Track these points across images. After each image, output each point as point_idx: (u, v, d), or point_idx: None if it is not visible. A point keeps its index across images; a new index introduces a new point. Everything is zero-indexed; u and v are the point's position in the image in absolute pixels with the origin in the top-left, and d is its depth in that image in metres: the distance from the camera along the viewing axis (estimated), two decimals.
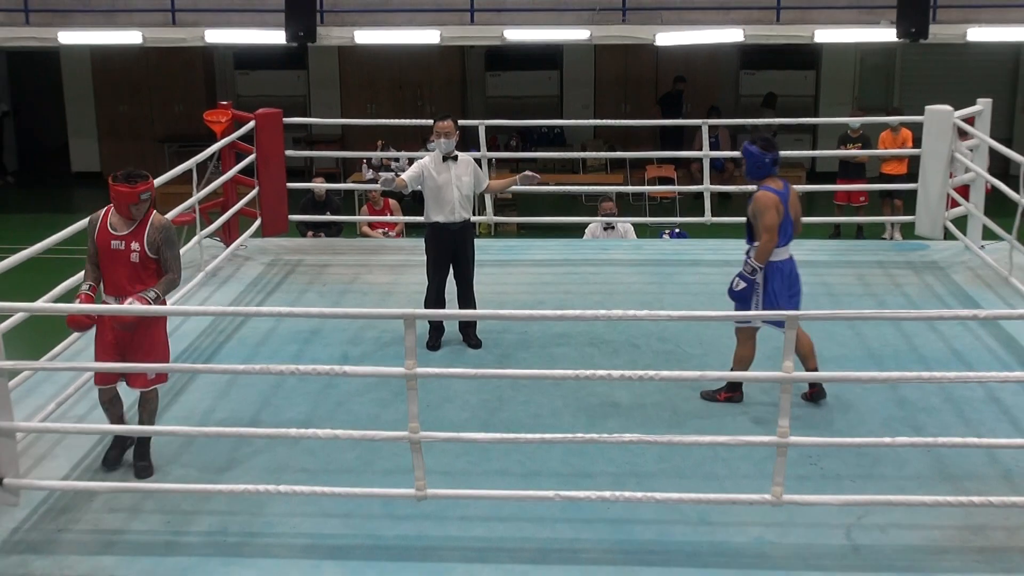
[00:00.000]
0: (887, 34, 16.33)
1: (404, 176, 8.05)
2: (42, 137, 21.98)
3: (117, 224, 6.44)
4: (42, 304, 6.66)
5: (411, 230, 13.93)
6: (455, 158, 8.08)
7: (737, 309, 7.15)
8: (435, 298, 8.21)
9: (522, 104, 19.97)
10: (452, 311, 8.25)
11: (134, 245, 6.40)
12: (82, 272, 6.52)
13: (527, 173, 8.66)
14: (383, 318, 8.13)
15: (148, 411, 6.58)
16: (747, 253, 7.19)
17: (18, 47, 18.53)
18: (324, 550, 5.79)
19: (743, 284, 7.09)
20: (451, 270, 8.24)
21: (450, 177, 8.04)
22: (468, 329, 8.27)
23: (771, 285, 7.10)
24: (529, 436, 6.06)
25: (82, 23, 17.40)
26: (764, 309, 7.03)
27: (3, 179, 21.20)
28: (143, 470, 6.44)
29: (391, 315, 7.09)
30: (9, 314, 6.41)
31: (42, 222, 8.36)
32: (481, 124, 11.31)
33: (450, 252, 8.15)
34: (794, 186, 7.39)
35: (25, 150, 22.03)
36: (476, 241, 8.45)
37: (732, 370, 7.20)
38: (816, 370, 7.14)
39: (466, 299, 8.26)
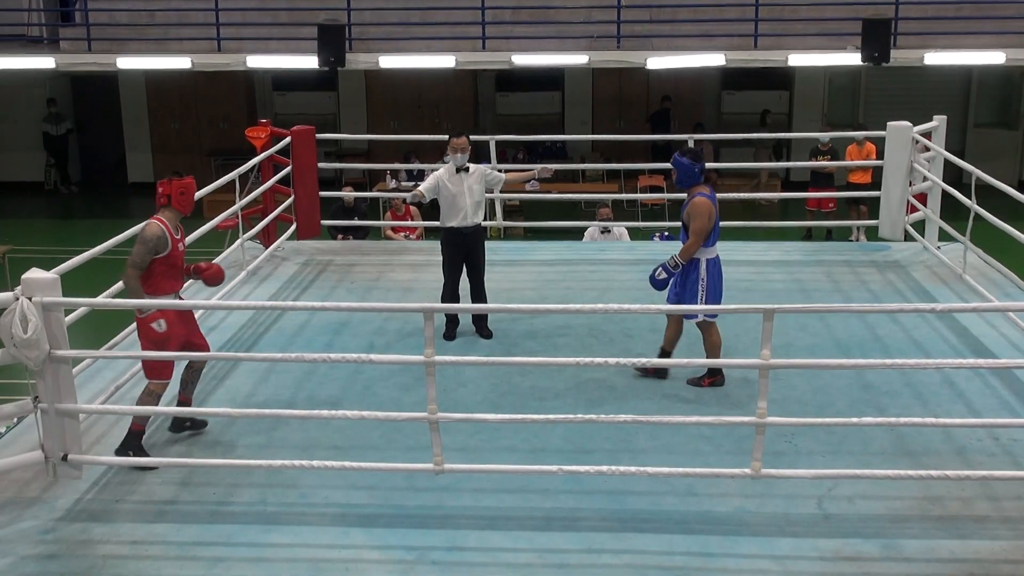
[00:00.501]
0: (853, 58, 16.32)
1: (422, 187, 7.99)
2: (102, 152, 21.95)
3: (174, 228, 6.43)
4: (103, 299, 6.64)
5: (430, 233, 13.88)
6: (467, 169, 8.04)
7: (664, 292, 7.33)
8: (450, 294, 8.17)
9: (528, 121, 19.93)
10: (465, 305, 8.22)
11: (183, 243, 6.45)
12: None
13: (545, 166, 8.57)
14: (405, 311, 8.09)
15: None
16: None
17: (81, 72, 18.55)
18: (352, 518, 5.77)
19: (664, 274, 7.17)
20: (464, 270, 8.20)
21: (463, 187, 7.99)
22: (480, 321, 8.23)
23: (711, 280, 7.18)
24: (535, 417, 6.04)
25: (137, 50, 17.43)
26: (708, 302, 7.13)
27: (68, 189, 21.21)
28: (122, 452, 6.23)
29: (412, 309, 7.06)
30: (74, 308, 6.40)
31: (102, 227, 8.35)
32: (492, 139, 11.28)
33: (463, 253, 8.12)
34: (770, 194, 7.36)
35: (87, 163, 22.01)
36: (487, 243, 8.42)
37: (709, 358, 7.22)
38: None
39: (478, 295, 8.22)
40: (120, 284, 7.05)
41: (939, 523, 5.66)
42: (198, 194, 8.34)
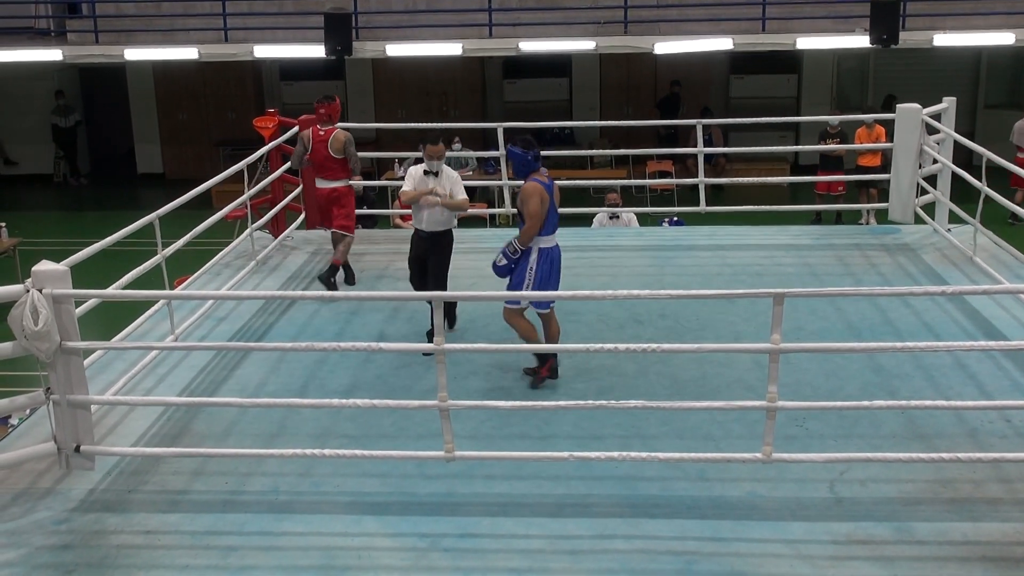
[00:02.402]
0: (861, 41, 16.25)
1: (405, 189, 7.74)
2: (111, 143, 22.00)
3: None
4: (113, 291, 6.65)
5: None
6: (437, 174, 7.75)
7: (504, 280, 7.17)
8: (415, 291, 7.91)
9: (536, 107, 19.88)
10: (479, 292, 8.18)
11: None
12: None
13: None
14: (414, 300, 8.10)
15: (345, 244, 8.85)
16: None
17: (89, 63, 18.55)
18: (364, 506, 5.78)
19: (504, 260, 7.03)
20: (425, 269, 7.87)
21: (427, 191, 7.68)
22: (451, 312, 8.06)
23: (540, 270, 7.04)
24: (545, 403, 6.05)
25: (145, 41, 17.44)
26: (535, 290, 6.97)
27: (77, 180, 21.24)
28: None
29: (421, 297, 7.08)
30: (84, 299, 6.41)
31: (111, 219, 8.38)
32: (500, 126, 11.24)
33: (422, 255, 7.82)
34: (772, 178, 7.31)
35: (96, 154, 22.05)
36: (495, 230, 8.38)
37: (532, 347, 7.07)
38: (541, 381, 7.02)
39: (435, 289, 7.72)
40: (133, 274, 7.08)
41: (951, 506, 5.64)
42: (207, 184, 8.45)
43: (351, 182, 9.18)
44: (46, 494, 5.92)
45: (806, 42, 16.86)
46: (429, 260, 7.85)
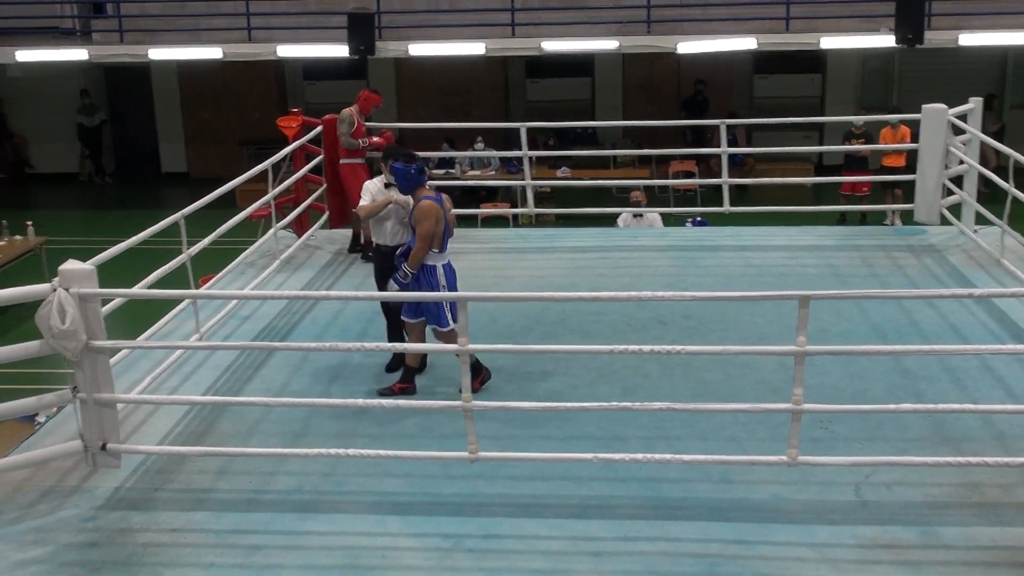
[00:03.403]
0: (886, 40, 16.16)
1: (363, 204, 7.41)
2: (135, 142, 22.13)
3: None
4: (139, 290, 6.69)
5: (461, 221, 13.89)
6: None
7: (409, 306, 6.97)
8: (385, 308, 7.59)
9: (558, 107, 19.87)
10: (506, 294, 8.18)
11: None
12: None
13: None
14: (438, 300, 8.09)
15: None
16: (400, 257, 6.99)
17: (114, 63, 18.68)
18: (388, 506, 5.79)
19: (396, 287, 6.86)
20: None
21: (389, 205, 7.33)
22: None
23: (452, 287, 6.96)
24: (569, 404, 6.04)
25: (169, 41, 17.54)
26: (451, 309, 6.80)
27: (102, 179, 21.38)
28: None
29: (446, 297, 7.07)
30: (111, 299, 6.46)
31: (136, 218, 8.44)
32: (522, 126, 11.25)
33: (386, 271, 7.24)
34: (797, 178, 7.26)
35: (121, 154, 22.19)
36: (518, 230, 8.38)
37: (407, 362, 7.02)
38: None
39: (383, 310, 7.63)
40: (158, 273, 7.12)
41: (978, 510, 5.61)
42: (231, 184, 8.48)
43: (345, 160, 9.90)
44: (73, 492, 5.97)
45: (830, 42, 16.78)
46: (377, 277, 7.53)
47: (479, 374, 6.95)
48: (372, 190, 7.48)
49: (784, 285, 8.58)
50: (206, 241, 8.09)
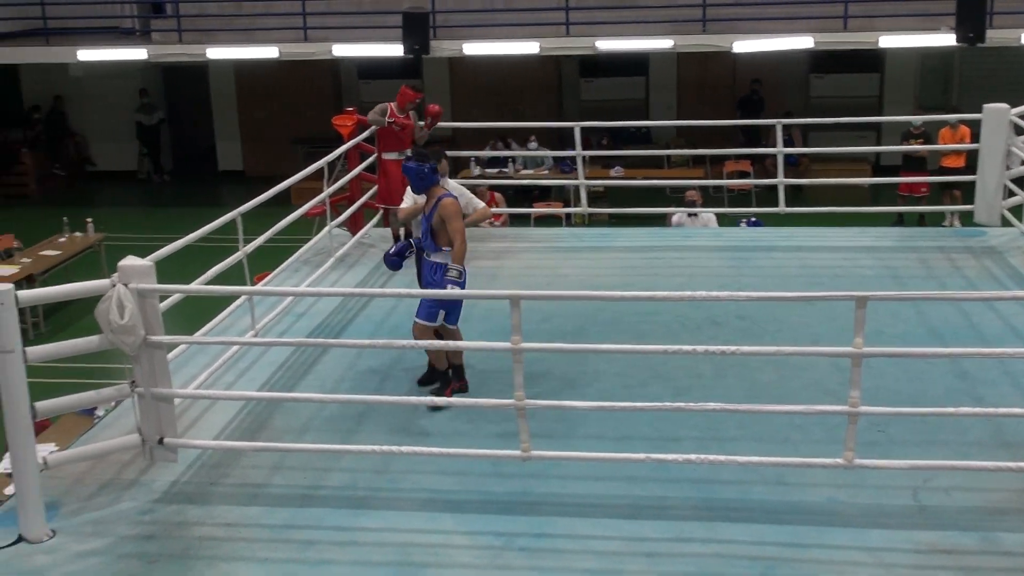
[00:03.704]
0: (947, 39, 15.91)
1: (403, 205, 7.49)
2: (193, 140, 22.42)
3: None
4: (196, 286, 6.77)
5: (515, 220, 13.91)
6: None
7: (429, 309, 6.85)
8: None
9: (612, 106, 19.82)
10: (559, 292, 8.13)
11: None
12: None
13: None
14: (490, 298, 8.09)
15: None
16: (432, 261, 6.90)
17: (172, 62, 18.93)
18: (440, 504, 5.81)
19: (456, 288, 6.77)
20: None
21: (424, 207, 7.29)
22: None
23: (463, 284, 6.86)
24: (622, 404, 6.00)
25: (226, 41, 17.74)
26: (447, 308, 6.81)
27: (160, 177, 21.68)
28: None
29: (498, 296, 7.05)
30: (168, 294, 6.54)
31: (193, 215, 8.55)
32: (576, 125, 11.23)
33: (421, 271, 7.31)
34: (853, 179, 7.17)
35: (178, 152, 22.49)
36: (571, 230, 8.36)
37: (436, 365, 6.97)
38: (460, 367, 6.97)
39: None
40: (215, 269, 7.20)
41: None
42: (286, 182, 8.56)
43: (387, 155, 9.77)
44: (130, 485, 6.05)
45: (889, 41, 16.56)
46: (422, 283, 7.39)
47: (461, 378, 6.91)
48: (412, 196, 7.50)
49: (840, 286, 8.48)
50: (262, 239, 8.17)
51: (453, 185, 7.63)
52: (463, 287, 6.88)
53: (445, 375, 7.03)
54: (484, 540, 5.46)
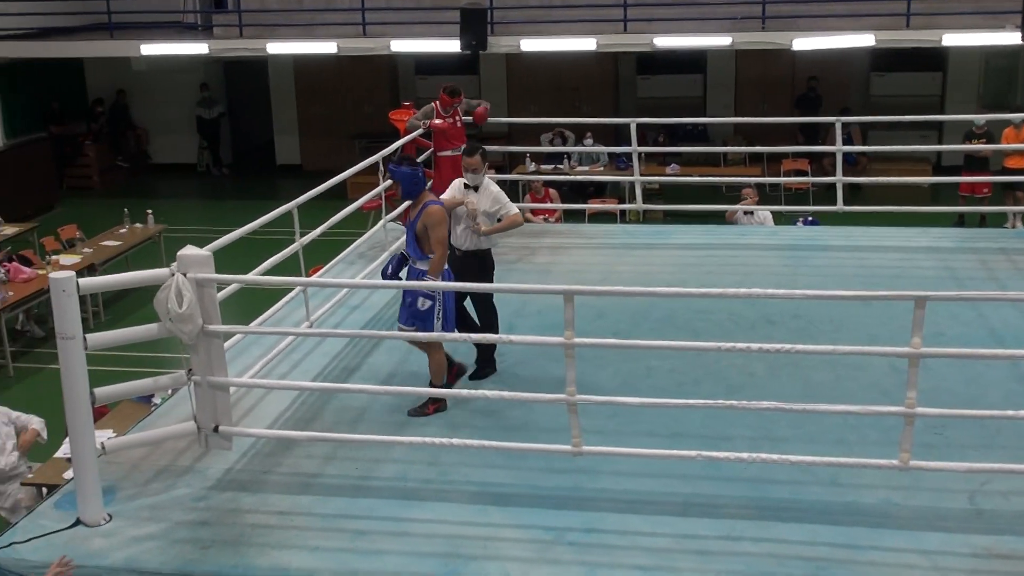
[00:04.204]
0: (1012, 37, 15.58)
1: (444, 196, 7.37)
2: (252, 134, 22.65)
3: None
4: (253, 276, 6.84)
5: (569, 216, 13.90)
6: (476, 188, 7.40)
7: (420, 324, 6.63)
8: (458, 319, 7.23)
9: (669, 104, 19.68)
10: (613, 288, 8.10)
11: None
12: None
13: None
14: (544, 293, 8.09)
15: None
16: (418, 268, 6.71)
17: (233, 57, 19.15)
18: (490, 497, 5.81)
19: (428, 303, 6.57)
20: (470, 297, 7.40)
21: (459, 201, 7.33)
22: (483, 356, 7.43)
23: (447, 297, 6.64)
24: (674, 401, 5.96)
25: (286, 36, 17.89)
26: (445, 318, 6.60)
27: (219, 170, 21.93)
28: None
29: (551, 291, 7.04)
30: (226, 284, 6.60)
31: (251, 208, 8.62)
32: (632, 122, 11.18)
33: (457, 274, 7.12)
34: (913, 178, 7.05)
35: (238, 146, 22.74)
36: (625, 226, 8.32)
37: (432, 380, 6.79)
38: (452, 385, 6.82)
39: (481, 320, 7.39)
40: (271, 261, 7.27)
41: None
42: (342, 175, 8.62)
43: (442, 152, 10.14)
44: (185, 472, 6.13)
45: (953, 39, 16.27)
46: (465, 279, 7.18)
47: (452, 367, 6.86)
48: (454, 188, 7.49)
49: (898, 286, 8.33)
50: (317, 231, 8.23)
51: (490, 186, 7.49)
52: (434, 301, 6.63)
53: (440, 388, 6.77)
54: (533, 534, 5.45)
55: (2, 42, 18.68)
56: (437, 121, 10.15)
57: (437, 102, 10.18)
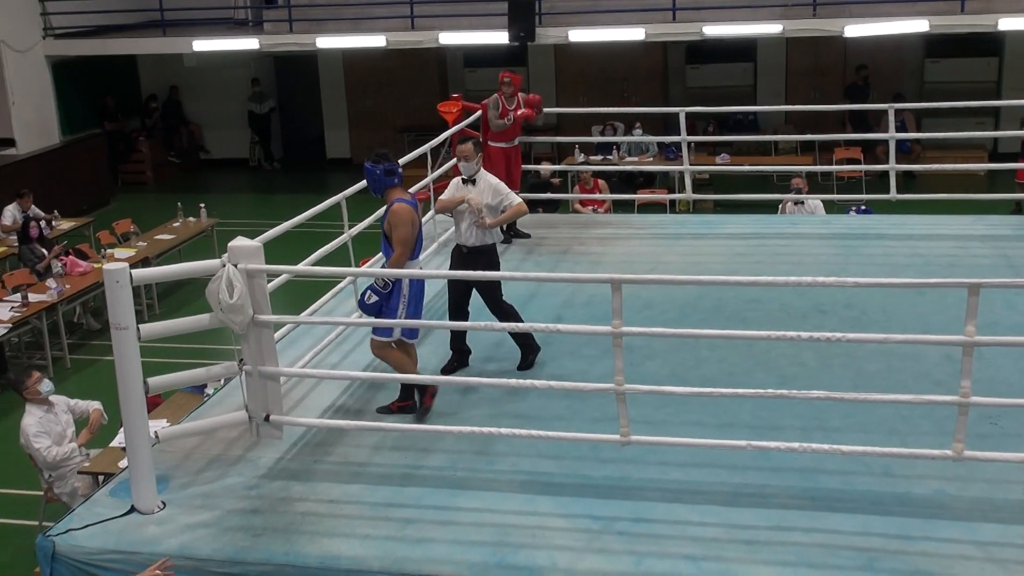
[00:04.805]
0: None
1: (442, 197, 7.39)
2: (302, 129, 22.80)
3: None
4: (303, 267, 6.89)
5: (618, 207, 13.85)
6: (474, 181, 7.32)
7: (368, 317, 6.51)
8: (454, 309, 7.32)
9: (719, 93, 19.49)
10: (662, 276, 8.05)
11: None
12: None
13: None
14: (592, 283, 8.07)
15: None
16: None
17: (283, 52, 19.29)
18: (538, 486, 5.82)
19: (375, 298, 6.41)
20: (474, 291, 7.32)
21: (459, 199, 7.27)
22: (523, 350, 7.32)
23: (414, 295, 6.52)
24: (723, 391, 5.92)
25: (335, 30, 17.99)
26: (408, 318, 6.46)
27: (271, 165, 22.10)
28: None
29: (600, 280, 7.02)
30: (276, 275, 6.66)
31: (301, 201, 8.67)
32: (681, 111, 11.12)
33: (462, 270, 7.12)
34: (969, 164, 6.93)
35: (288, 140, 22.91)
36: (674, 216, 8.28)
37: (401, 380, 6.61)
38: (429, 409, 6.59)
39: (500, 318, 7.24)
40: (321, 252, 7.31)
41: None
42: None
43: (493, 144, 10.14)
44: (237, 460, 6.20)
45: (1009, 23, 15.96)
46: (473, 281, 7.17)
47: (408, 398, 6.68)
48: (451, 189, 7.43)
49: (953, 275, 8.22)
50: (365, 223, 8.27)
51: (488, 179, 7.37)
52: (376, 305, 6.48)
53: (409, 388, 6.69)
54: (582, 523, 5.45)
55: (59, 40, 19.00)
56: (520, 111, 10.16)
57: (499, 94, 10.17)
